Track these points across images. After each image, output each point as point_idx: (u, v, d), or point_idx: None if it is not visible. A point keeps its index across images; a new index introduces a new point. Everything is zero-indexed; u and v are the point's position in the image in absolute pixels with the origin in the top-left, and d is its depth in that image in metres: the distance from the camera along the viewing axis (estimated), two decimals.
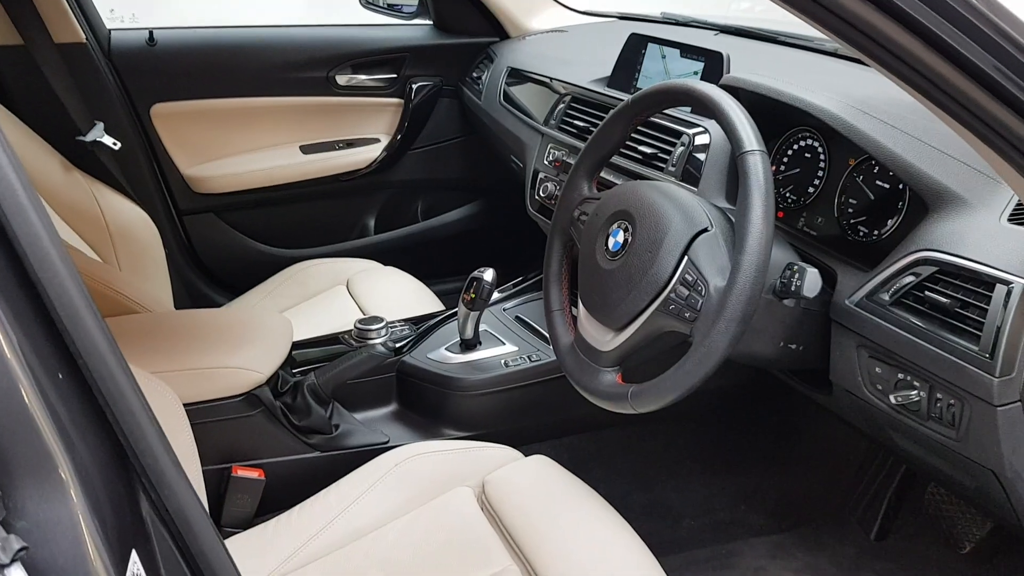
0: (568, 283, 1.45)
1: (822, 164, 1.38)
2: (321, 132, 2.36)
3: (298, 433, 1.56)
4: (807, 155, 1.41)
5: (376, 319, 1.76)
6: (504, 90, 2.16)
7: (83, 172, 2.02)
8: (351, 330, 1.76)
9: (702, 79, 1.64)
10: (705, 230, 1.19)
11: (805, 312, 1.25)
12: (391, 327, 1.78)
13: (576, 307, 1.36)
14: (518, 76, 2.15)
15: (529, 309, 1.89)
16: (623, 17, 2.47)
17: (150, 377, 1.32)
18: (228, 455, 1.52)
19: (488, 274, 1.66)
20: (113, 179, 2.07)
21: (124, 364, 0.65)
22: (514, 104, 2.11)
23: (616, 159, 1.65)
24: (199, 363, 1.47)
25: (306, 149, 2.35)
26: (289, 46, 2.27)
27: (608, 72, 1.86)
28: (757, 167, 1.10)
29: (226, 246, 2.37)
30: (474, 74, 2.37)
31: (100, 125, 2.05)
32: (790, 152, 1.44)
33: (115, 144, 2.05)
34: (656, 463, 1.84)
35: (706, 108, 1.18)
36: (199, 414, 1.45)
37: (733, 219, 1.24)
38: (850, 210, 1.33)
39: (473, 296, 1.66)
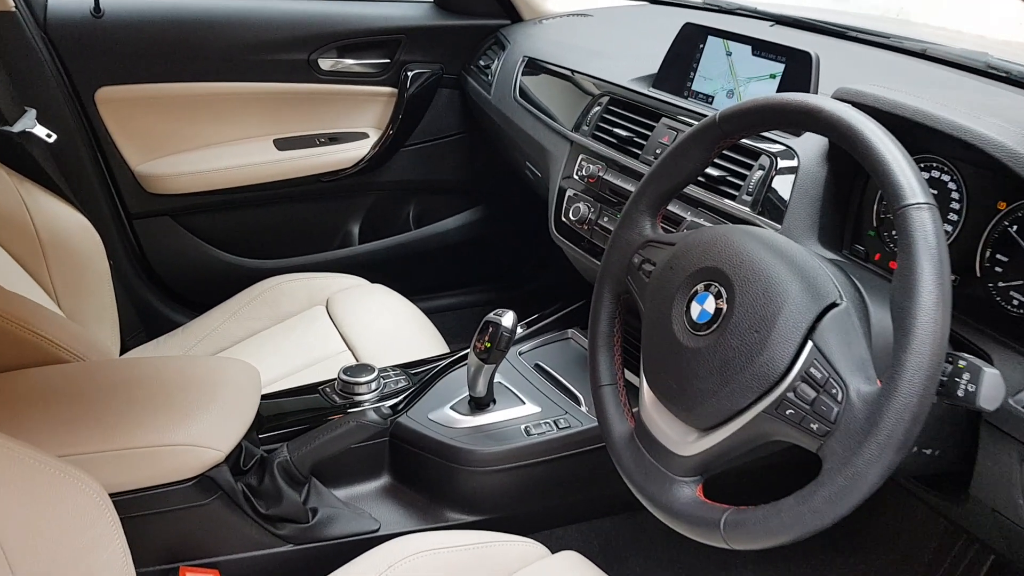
0: (621, 348, 1.12)
1: (956, 205, 1.06)
2: (300, 125, 2.07)
3: (265, 523, 1.23)
4: (933, 191, 1.09)
5: (365, 369, 1.44)
6: (520, 84, 1.83)
7: (8, 169, 1.66)
8: (334, 381, 1.44)
9: (781, 87, 1.32)
10: (834, 304, 0.87)
11: (950, 408, 0.94)
12: (384, 377, 1.46)
13: (638, 381, 1.04)
14: (537, 68, 1.82)
15: (551, 355, 1.57)
16: (654, 0, 2.14)
17: (63, 466, 0.98)
18: (174, 553, 1.19)
19: (507, 318, 1.34)
20: (46, 178, 1.72)
21: None
22: (532, 102, 1.78)
23: None
24: (137, 439, 1.13)
25: (281, 144, 2.06)
26: (264, 23, 1.96)
27: (651, 68, 1.54)
28: (926, 227, 0.78)
29: (185, 256, 2.07)
30: (481, 62, 2.05)
31: (31, 112, 1.70)
32: None
33: (49, 136, 1.70)
34: (703, 551, 1.52)
35: (843, 139, 0.86)
36: (135, 505, 1.12)
37: (855, 280, 0.93)
38: (998, 269, 1.01)
39: (488, 345, 1.34)
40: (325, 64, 2.02)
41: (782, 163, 1.22)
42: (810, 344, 0.84)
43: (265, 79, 1.99)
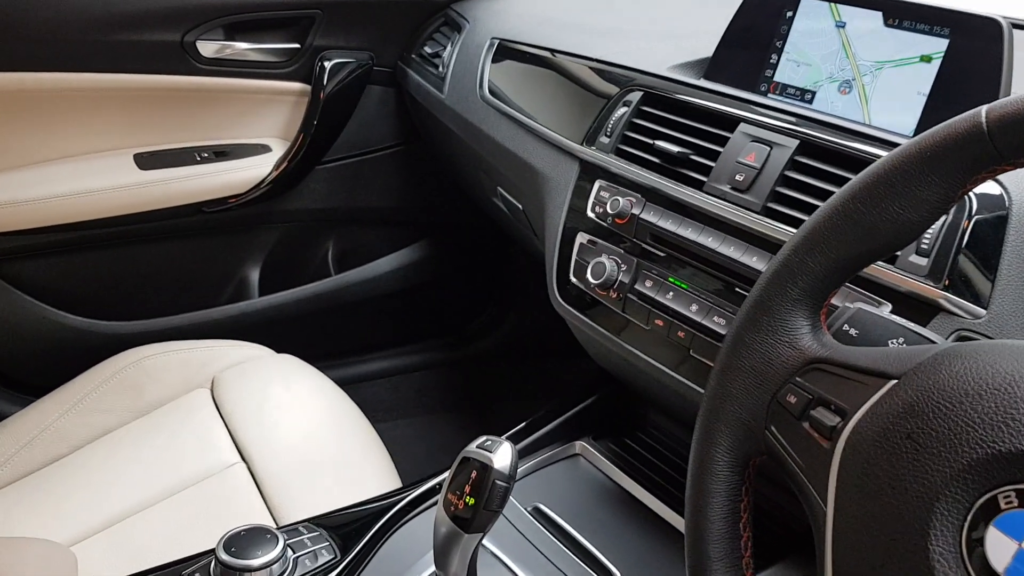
0: (752, 552, 0.61)
1: None
2: (172, 134, 1.66)
3: None
4: None
5: (261, 539, 0.90)
6: (489, 78, 1.37)
7: None
8: (209, 561, 0.91)
9: (943, 75, 0.84)
10: None
11: None
12: (293, 545, 0.94)
13: None
14: (512, 54, 1.36)
15: (555, 487, 1.07)
16: None
17: None
18: None
19: (501, 455, 0.82)
20: None
21: None
22: (509, 103, 1.31)
23: (769, 228, 0.83)
24: None
25: (146, 161, 1.62)
26: None
27: (693, 51, 1.09)
28: None
29: (6, 318, 1.62)
30: (427, 49, 1.61)
31: None
32: None
33: None
34: None
35: None
36: None
37: None
38: None
39: (471, 501, 0.81)
40: (207, 49, 1.59)
41: (981, 204, 0.73)
42: None
43: (121, 69, 1.55)
